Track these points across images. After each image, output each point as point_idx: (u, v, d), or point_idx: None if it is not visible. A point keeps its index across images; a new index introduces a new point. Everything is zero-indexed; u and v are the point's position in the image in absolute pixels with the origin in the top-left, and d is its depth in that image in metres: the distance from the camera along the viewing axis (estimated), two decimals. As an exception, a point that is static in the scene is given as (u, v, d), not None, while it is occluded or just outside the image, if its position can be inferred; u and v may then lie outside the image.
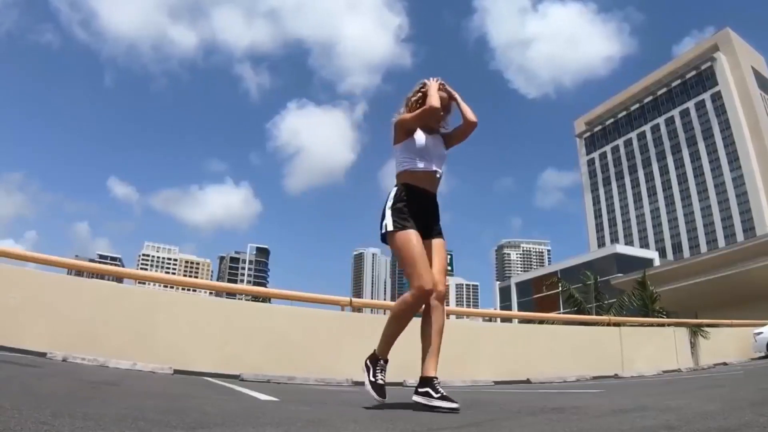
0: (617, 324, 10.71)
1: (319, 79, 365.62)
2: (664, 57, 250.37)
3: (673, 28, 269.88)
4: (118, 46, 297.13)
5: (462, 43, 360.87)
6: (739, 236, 77.78)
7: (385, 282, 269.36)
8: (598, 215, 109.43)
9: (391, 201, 2.76)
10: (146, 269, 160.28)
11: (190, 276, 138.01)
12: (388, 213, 2.73)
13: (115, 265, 72.35)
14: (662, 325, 12.62)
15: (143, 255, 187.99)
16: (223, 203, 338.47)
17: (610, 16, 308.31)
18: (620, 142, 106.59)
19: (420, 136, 2.84)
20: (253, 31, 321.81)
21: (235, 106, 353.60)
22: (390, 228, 2.69)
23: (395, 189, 2.81)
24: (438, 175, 2.85)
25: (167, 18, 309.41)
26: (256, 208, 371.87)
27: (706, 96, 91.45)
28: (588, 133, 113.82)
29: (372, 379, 2.68)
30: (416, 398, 2.56)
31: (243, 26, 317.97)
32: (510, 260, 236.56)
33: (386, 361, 2.74)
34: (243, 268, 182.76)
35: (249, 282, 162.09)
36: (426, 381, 2.55)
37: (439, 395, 2.48)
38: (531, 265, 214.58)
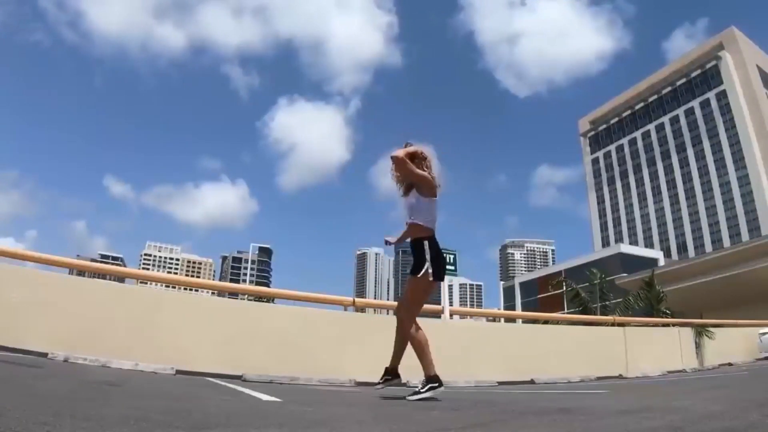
0: (622, 324, 10.67)
1: (308, 78, 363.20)
2: (657, 51, 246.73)
3: (665, 19, 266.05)
4: (106, 47, 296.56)
5: (451, 41, 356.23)
6: (744, 236, 77.27)
7: (388, 282, 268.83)
8: (602, 215, 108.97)
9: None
10: (148, 269, 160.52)
11: (193, 276, 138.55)
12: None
13: (117, 264, 72.62)
14: (667, 325, 12.56)
15: (145, 254, 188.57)
16: (219, 201, 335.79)
17: (600, 9, 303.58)
18: (625, 141, 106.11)
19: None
20: (241, 29, 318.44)
21: (226, 104, 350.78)
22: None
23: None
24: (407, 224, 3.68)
25: (153, 18, 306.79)
26: (252, 206, 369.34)
27: (710, 95, 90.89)
28: (592, 132, 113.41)
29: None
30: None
31: (231, 24, 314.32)
32: (514, 260, 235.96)
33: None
34: (245, 268, 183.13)
35: (252, 282, 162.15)
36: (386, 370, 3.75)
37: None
38: (535, 264, 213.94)
